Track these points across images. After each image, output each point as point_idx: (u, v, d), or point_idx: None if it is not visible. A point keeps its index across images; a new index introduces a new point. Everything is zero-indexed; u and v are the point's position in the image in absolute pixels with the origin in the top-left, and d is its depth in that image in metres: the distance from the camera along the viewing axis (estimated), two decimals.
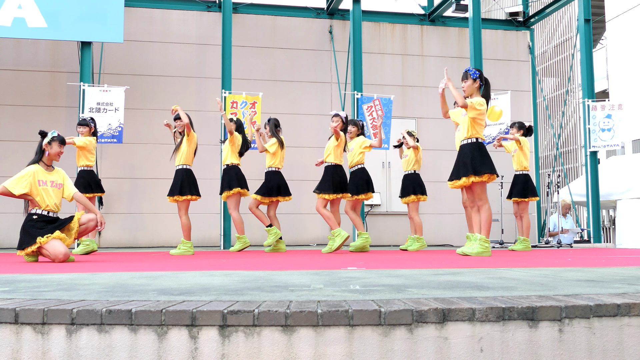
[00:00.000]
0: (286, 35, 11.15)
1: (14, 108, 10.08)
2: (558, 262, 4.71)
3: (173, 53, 10.71)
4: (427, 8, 11.91)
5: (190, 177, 7.11)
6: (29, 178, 5.23)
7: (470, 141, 5.77)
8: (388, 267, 4.17)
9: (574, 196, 11.39)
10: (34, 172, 5.28)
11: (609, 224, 14.60)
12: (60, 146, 5.41)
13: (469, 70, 5.84)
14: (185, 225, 7.13)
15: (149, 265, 4.72)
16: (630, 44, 14.25)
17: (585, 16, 10.65)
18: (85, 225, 5.46)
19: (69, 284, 2.76)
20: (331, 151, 7.30)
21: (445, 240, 10.88)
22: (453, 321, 1.89)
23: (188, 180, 7.07)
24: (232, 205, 7.44)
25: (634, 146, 13.78)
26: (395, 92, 10.58)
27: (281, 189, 7.49)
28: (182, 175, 7.06)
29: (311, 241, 10.63)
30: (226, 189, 7.38)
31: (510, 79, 11.77)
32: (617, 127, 10.22)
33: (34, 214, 5.26)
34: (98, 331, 1.88)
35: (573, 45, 15.31)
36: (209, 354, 1.85)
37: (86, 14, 8.90)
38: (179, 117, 7.14)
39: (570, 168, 17.09)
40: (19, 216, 5.46)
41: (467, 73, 5.82)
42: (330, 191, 7.19)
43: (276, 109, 10.49)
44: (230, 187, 7.34)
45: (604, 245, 9.75)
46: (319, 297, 2.15)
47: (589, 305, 1.96)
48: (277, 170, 7.53)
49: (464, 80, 5.83)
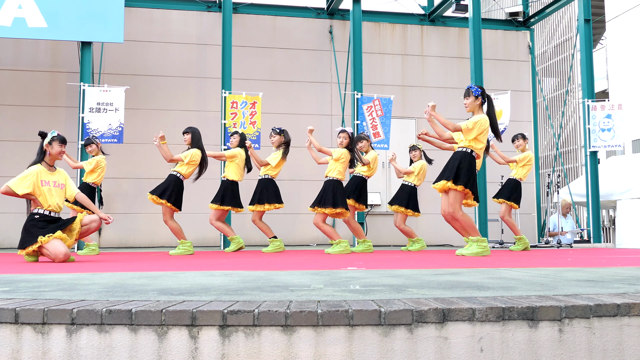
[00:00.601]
0: (286, 35, 11.15)
1: (14, 108, 10.08)
2: (558, 262, 4.72)
3: (173, 53, 10.71)
4: (427, 8, 11.91)
5: (179, 188, 7.17)
6: (32, 178, 5.24)
7: (465, 150, 5.79)
8: (388, 267, 4.17)
9: (574, 196, 11.38)
10: (37, 172, 5.29)
11: (609, 224, 14.59)
12: (61, 145, 5.41)
13: (470, 87, 5.84)
14: (175, 229, 7.13)
15: (149, 265, 4.72)
16: (630, 44, 14.25)
17: (585, 16, 10.65)
18: (88, 226, 5.47)
19: (69, 284, 2.76)
20: (335, 166, 7.19)
21: (445, 240, 10.87)
22: (453, 321, 1.89)
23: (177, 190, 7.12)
24: (213, 217, 7.59)
25: (634, 146, 13.78)
26: (395, 92, 10.58)
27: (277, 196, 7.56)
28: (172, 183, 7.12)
29: (311, 241, 10.63)
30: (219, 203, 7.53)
31: (510, 79, 11.76)
32: (617, 127, 10.22)
33: (35, 213, 5.27)
34: (98, 331, 1.88)
35: (573, 45, 15.31)
36: (209, 354, 1.85)
37: (86, 14, 8.90)
38: (187, 131, 7.34)
39: (570, 168, 17.09)
40: (20, 216, 5.47)
41: (469, 90, 5.82)
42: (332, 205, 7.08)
43: (276, 109, 10.50)
44: (217, 201, 7.51)
45: (604, 245, 9.75)
46: (319, 297, 2.15)
47: (589, 305, 1.96)
48: (272, 179, 7.58)
49: (466, 97, 5.84)
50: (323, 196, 7.09)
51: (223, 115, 9.36)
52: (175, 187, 7.05)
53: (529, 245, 7.83)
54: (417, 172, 7.85)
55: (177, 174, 7.12)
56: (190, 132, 7.32)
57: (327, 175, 7.19)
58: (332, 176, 7.13)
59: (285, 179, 7.58)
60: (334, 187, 7.08)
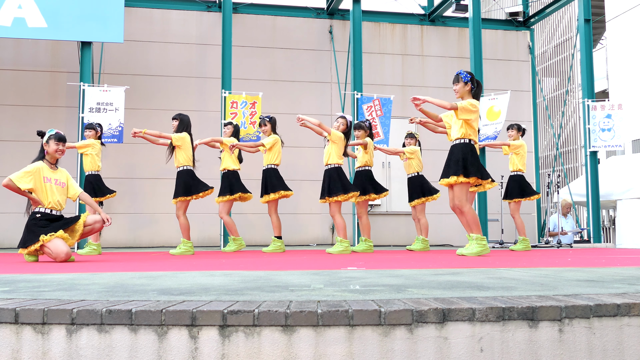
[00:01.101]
0: (286, 35, 11.15)
1: (14, 108, 10.08)
2: (558, 262, 4.72)
3: (173, 53, 10.71)
4: (427, 8, 11.91)
5: (193, 177, 7.19)
6: (34, 174, 5.26)
7: (463, 142, 5.79)
8: (388, 267, 4.17)
9: (574, 196, 11.38)
10: (39, 168, 5.31)
11: (609, 224, 14.59)
12: (58, 144, 5.40)
13: (460, 73, 5.87)
14: (183, 225, 7.15)
15: (149, 265, 4.72)
16: (630, 44, 14.25)
17: (585, 16, 10.65)
18: (91, 226, 5.47)
19: (69, 284, 2.76)
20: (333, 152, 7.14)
21: (445, 240, 10.87)
22: (453, 321, 1.89)
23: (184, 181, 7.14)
24: (223, 210, 7.56)
25: (634, 146, 13.78)
26: (395, 92, 10.58)
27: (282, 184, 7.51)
28: (185, 177, 7.13)
29: (311, 241, 10.63)
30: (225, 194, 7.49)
31: (510, 79, 11.76)
32: (617, 127, 10.22)
33: (37, 212, 5.27)
34: (98, 331, 1.88)
35: (573, 45, 15.31)
36: (209, 354, 1.85)
37: (86, 14, 8.90)
38: (175, 117, 7.35)
39: (570, 168, 17.09)
40: (20, 216, 5.47)
41: (458, 76, 5.85)
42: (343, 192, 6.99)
43: (276, 109, 10.49)
44: (226, 193, 7.49)
45: (604, 245, 9.75)
46: (319, 297, 2.15)
47: (589, 305, 1.96)
48: (276, 167, 7.53)
49: (455, 83, 5.86)
50: (330, 185, 6.96)
51: (223, 115, 9.36)
52: (181, 181, 7.12)
53: (529, 248, 7.83)
54: (413, 156, 7.78)
55: (181, 168, 7.16)
56: (179, 118, 7.33)
57: (328, 163, 7.06)
58: (333, 163, 7.03)
59: (284, 178, 7.56)
60: (338, 174, 6.99)
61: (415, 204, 7.82)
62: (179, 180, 7.20)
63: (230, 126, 7.83)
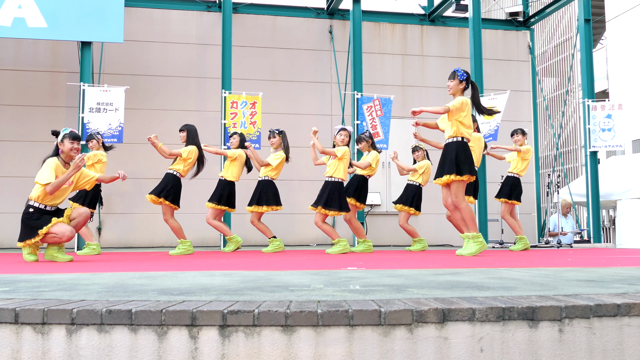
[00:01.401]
0: (286, 35, 11.15)
1: (14, 108, 10.08)
2: (558, 262, 4.72)
3: (173, 53, 10.71)
4: (427, 8, 11.91)
5: (177, 186, 7.17)
6: (56, 169, 5.31)
7: (456, 140, 5.80)
8: (388, 267, 4.17)
9: (574, 196, 11.38)
10: (56, 163, 5.35)
11: (609, 224, 14.59)
12: (72, 142, 5.42)
13: (457, 70, 5.88)
14: (175, 228, 7.13)
15: (149, 265, 4.72)
16: (630, 44, 14.25)
17: (585, 16, 10.65)
18: (76, 220, 5.46)
19: (69, 284, 2.76)
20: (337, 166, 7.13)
21: (445, 240, 10.87)
22: (453, 321, 1.89)
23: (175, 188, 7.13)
24: (210, 215, 7.62)
25: (634, 146, 13.78)
26: (395, 92, 10.57)
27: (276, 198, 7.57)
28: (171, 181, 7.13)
29: (311, 241, 10.63)
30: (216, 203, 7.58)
31: (510, 79, 11.76)
32: (617, 127, 10.22)
33: (30, 206, 5.28)
34: (98, 331, 1.88)
35: (573, 45, 15.30)
36: (209, 354, 1.85)
37: (86, 14, 8.90)
38: (182, 129, 7.36)
39: (570, 168, 17.08)
40: (20, 216, 5.46)
41: (455, 73, 5.86)
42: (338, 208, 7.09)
43: (276, 109, 10.50)
44: (214, 200, 7.56)
45: (604, 245, 9.75)
46: (319, 297, 2.15)
47: (589, 305, 1.96)
48: (272, 180, 7.57)
49: (450, 80, 5.88)
50: (328, 198, 6.97)
51: (223, 115, 9.36)
52: (173, 185, 7.06)
53: (529, 246, 7.83)
54: (422, 171, 7.85)
55: (175, 172, 7.13)
56: (186, 129, 7.34)
57: (332, 175, 7.07)
58: (337, 177, 7.06)
59: (284, 179, 7.57)
60: (340, 190, 7.04)
61: (400, 209, 7.83)
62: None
63: (237, 136, 7.82)
